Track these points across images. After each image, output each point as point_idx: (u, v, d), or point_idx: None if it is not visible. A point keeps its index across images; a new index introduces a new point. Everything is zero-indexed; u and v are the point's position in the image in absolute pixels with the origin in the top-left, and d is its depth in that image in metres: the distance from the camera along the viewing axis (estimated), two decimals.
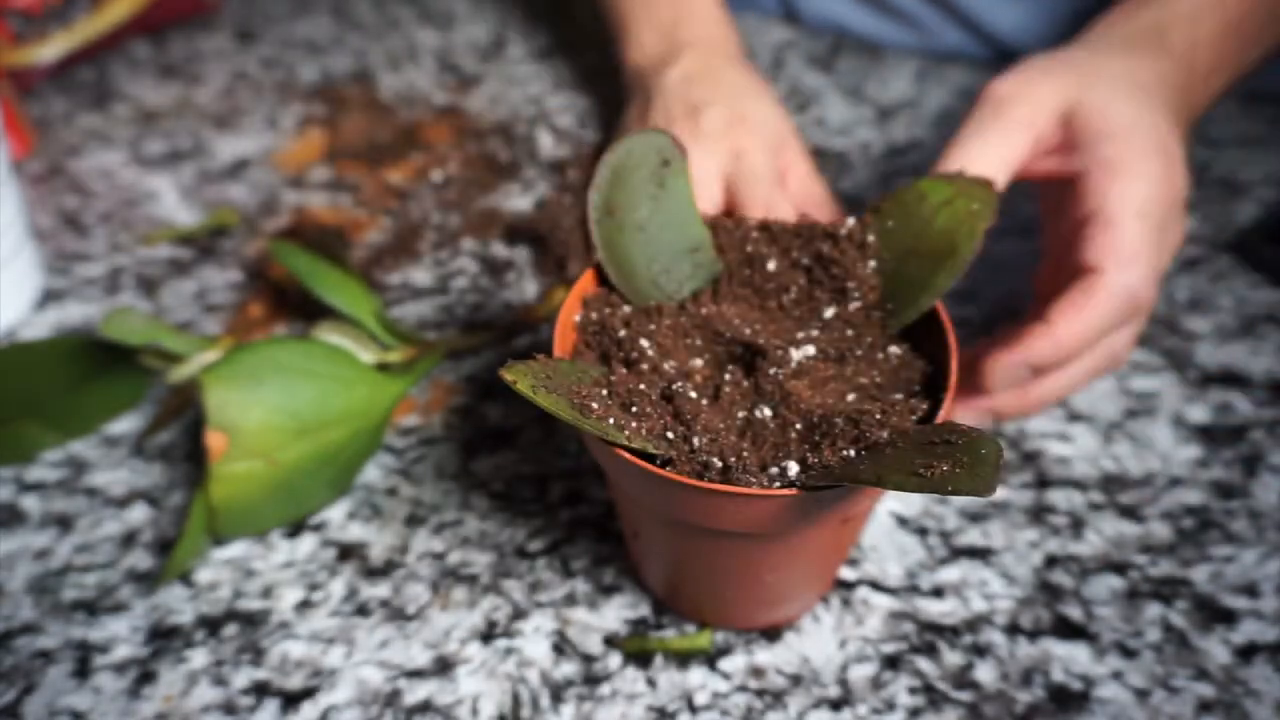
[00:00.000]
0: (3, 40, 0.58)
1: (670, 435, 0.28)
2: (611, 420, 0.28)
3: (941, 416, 0.29)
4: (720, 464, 0.28)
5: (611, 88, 0.58)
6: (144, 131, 0.58)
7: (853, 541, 0.35)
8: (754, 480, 0.27)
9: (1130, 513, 0.38)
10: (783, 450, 0.28)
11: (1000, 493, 0.39)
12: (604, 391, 0.29)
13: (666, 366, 0.31)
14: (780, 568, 0.31)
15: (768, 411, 0.29)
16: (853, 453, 0.28)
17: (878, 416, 0.28)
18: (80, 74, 0.62)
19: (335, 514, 0.39)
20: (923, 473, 0.24)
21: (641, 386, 0.29)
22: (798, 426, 0.29)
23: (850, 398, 0.30)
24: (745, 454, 0.28)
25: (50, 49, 0.60)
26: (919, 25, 0.61)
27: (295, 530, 0.38)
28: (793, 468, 0.28)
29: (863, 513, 0.31)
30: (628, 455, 0.27)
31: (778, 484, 0.27)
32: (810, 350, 0.31)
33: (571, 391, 0.28)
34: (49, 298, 0.48)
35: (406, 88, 0.62)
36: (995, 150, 0.36)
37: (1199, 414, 0.42)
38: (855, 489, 0.27)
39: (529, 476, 0.40)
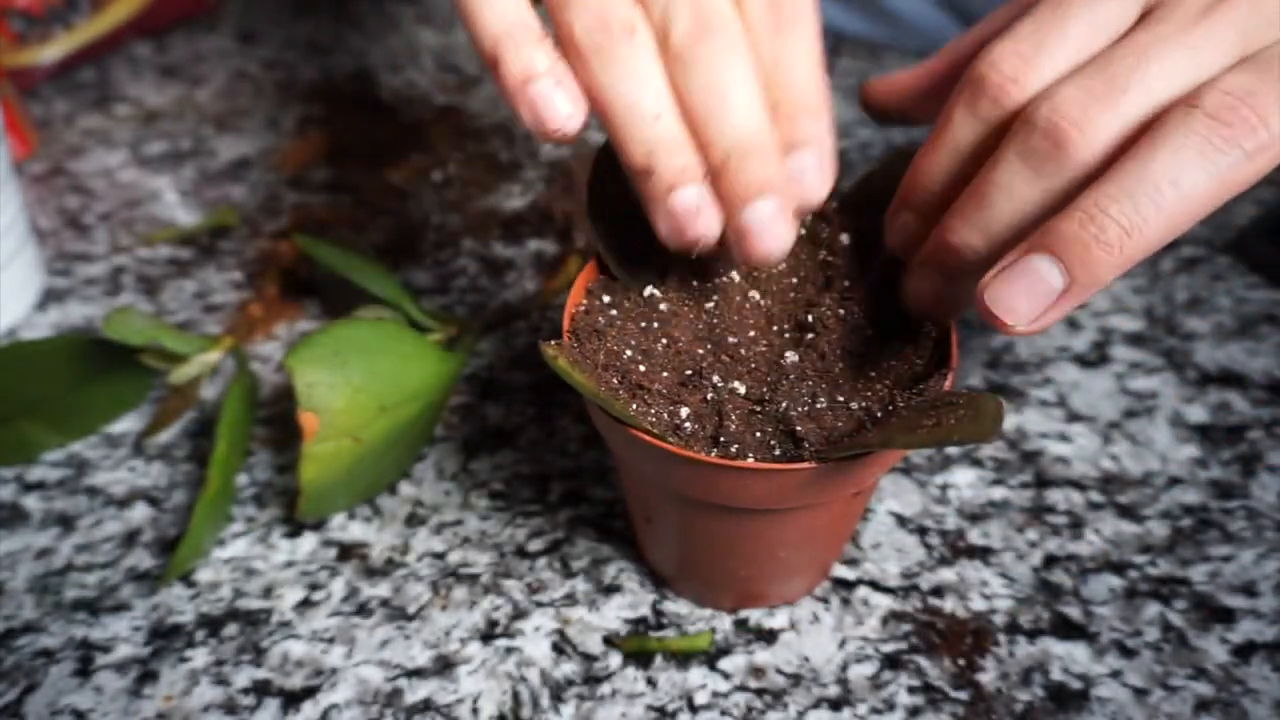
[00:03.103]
0: (4, 41, 0.58)
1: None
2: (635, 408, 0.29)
3: None
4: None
5: None
6: (145, 132, 0.58)
7: (860, 514, 0.36)
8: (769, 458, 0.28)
9: (1129, 512, 0.38)
10: None
11: (1000, 492, 0.39)
12: (615, 382, 0.30)
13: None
14: (793, 543, 0.32)
15: None
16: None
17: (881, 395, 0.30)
18: (81, 74, 0.62)
19: (335, 513, 0.39)
20: (927, 424, 0.25)
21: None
22: None
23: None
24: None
25: (51, 50, 0.60)
26: (920, 31, 0.61)
27: (296, 530, 0.38)
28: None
29: (871, 486, 0.32)
30: (649, 438, 0.28)
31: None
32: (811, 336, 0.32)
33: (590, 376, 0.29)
34: (50, 298, 0.48)
35: (406, 88, 0.62)
36: None
37: (1198, 414, 0.42)
38: (868, 460, 0.28)
39: (529, 476, 0.40)
